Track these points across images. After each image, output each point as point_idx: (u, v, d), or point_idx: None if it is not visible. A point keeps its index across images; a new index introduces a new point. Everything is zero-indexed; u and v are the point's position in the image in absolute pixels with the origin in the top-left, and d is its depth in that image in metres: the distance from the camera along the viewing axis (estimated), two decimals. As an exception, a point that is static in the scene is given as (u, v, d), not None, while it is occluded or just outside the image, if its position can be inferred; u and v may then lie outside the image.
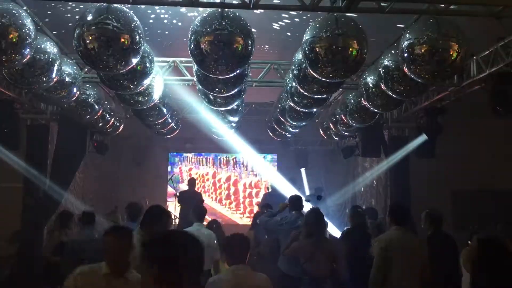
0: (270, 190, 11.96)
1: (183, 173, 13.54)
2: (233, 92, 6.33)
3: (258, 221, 7.31)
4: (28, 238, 7.97)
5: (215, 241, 5.81)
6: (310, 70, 5.11)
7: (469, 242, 6.63)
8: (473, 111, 8.44)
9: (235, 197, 13.63)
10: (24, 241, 7.97)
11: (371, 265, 4.85)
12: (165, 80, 7.14)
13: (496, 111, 6.26)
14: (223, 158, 13.72)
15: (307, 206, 7.64)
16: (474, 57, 6.42)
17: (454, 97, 7.67)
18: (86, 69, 7.04)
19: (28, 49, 4.70)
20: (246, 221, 12.81)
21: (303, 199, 7.20)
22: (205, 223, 6.51)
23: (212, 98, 6.97)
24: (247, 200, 13.58)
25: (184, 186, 12.41)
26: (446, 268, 5.27)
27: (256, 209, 11.56)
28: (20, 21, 4.54)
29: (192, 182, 11.30)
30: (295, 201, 6.88)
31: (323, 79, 5.24)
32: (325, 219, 6.67)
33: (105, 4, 4.52)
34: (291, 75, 6.36)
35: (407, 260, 4.69)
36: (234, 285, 3.72)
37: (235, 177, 13.70)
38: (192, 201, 9.62)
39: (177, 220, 10.31)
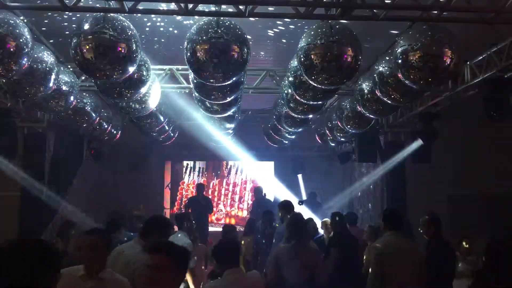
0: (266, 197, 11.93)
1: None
2: (229, 99, 6.37)
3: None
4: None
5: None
6: (306, 77, 5.14)
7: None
8: (467, 116, 8.50)
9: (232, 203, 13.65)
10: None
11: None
12: (162, 87, 7.17)
13: (490, 116, 6.33)
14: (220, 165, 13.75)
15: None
16: (468, 63, 6.49)
17: (448, 102, 7.74)
18: (83, 78, 7.07)
19: (25, 59, 4.73)
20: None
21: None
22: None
23: (208, 105, 7.00)
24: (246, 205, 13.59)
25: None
26: (444, 273, 5.26)
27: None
28: (17, 31, 4.58)
29: (199, 187, 11.21)
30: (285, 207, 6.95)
31: (318, 86, 5.29)
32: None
33: (101, 14, 4.56)
34: (286, 82, 6.40)
35: (403, 265, 4.69)
36: None
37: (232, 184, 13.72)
38: (200, 206, 9.59)
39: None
